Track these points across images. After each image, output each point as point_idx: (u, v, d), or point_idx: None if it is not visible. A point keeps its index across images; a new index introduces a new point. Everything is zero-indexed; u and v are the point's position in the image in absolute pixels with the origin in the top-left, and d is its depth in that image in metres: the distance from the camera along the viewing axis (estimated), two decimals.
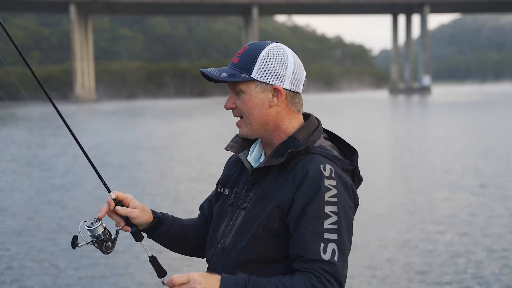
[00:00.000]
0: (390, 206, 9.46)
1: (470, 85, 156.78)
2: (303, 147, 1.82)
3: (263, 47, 1.86)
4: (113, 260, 6.53)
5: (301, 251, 1.72)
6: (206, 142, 20.01)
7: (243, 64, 1.86)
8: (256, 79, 1.84)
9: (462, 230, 7.68)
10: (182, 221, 2.13)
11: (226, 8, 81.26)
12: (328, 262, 1.70)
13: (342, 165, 1.83)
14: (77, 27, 73.29)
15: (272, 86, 1.85)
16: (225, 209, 1.97)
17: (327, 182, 1.75)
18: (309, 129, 1.89)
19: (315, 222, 1.73)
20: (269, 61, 1.84)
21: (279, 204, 1.79)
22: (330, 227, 1.72)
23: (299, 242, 1.73)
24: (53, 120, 32.35)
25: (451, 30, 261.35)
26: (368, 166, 13.46)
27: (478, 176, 11.93)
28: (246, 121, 1.89)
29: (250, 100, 1.86)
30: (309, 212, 1.73)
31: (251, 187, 1.90)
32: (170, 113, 42.56)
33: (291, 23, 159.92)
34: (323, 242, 1.71)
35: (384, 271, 6.14)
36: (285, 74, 1.85)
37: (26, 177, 13.32)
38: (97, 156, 16.70)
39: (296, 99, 1.90)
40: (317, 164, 1.78)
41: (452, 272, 6.03)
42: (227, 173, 2.06)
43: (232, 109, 1.91)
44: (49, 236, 7.86)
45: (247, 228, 1.83)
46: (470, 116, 31.49)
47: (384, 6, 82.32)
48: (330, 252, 1.71)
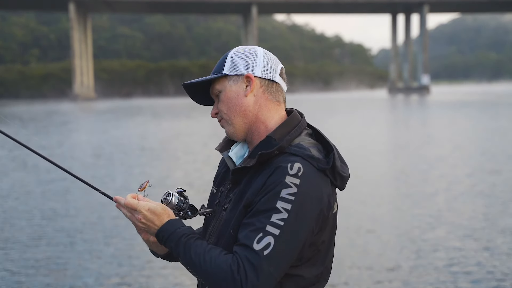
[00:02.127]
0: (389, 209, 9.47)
1: (469, 85, 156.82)
2: (275, 148, 1.78)
3: (233, 49, 1.93)
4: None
5: (240, 234, 1.69)
6: (204, 141, 20.01)
7: (216, 68, 1.92)
8: (227, 74, 1.87)
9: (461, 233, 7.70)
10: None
11: (225, 6, 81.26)
12: (255, 252, 1.63)
13: (318, 164, 1.76)
14: (76, 25, 73.25)
15: (243, 75, 1.86)
16: (213, 208, 1.96)
17: (289, 179, 1.69)
18: (288, 126, 1.85)
19: (263, 214, 1.67)
20: (239, 56, 1.88)
21: (246, 204, 1.76)
22: (275, 222, 1.66)
23: (243, 229, 1.70)
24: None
25: (450, 29, 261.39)
26: (367, 167, 13.47)
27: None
28: (226, 118, 1.90)
29: (226, 95, 1.88)
30: (261, 203, 1.69)
31: (232, 187, 1.89)
32: (169, 112, 42.56)
33: (290, 22, 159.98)
34: (262, 232, 1.65)
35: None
36: (255, 63, 1.87)
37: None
38: (91, 155, 16.70)
39: (272, 87, 1.88)
40: (285, 163, 1.73)
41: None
42: (218, 171, 2.06)
43: (217, 115, 1.92)
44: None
45: (225, 229, 1.82)
46: (470, 116, 31.49)
47: (383, 5, 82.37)
48: (263, 244, 1.63)
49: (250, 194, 1.75)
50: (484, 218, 8.31)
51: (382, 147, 17.95)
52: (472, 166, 13.33)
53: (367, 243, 7.17)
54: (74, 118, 35.79)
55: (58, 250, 7.06)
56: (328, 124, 24.65)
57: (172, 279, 5.96)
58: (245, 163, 1.83)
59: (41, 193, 10.91)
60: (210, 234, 1.91)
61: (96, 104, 59.95)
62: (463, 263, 6.27)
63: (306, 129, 1.89)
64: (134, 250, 6.94)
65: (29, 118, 35.71)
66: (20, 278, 6.08)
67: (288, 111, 1.93)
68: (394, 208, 9.29)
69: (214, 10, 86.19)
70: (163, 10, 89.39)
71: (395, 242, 7.24)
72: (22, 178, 12.86)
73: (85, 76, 76.67)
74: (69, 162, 15.05)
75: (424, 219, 8.28)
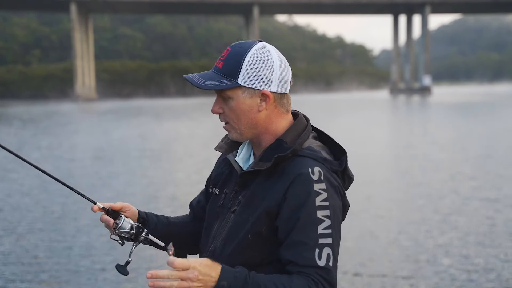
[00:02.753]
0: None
1: (471, 86, 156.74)
2: (290, 151, 1.78)
3: (248, 50, 1.81)
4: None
5: (295, 257, 1.70)
6: (205, 142, 19.96)
7: (227, 69, 1.80)
8: (242, 85, 1.79)
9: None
10: (168, 219, 2.11)
11: (226, 7, 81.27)
12: (324, 268, 1.68)
13: (331, 166, 1.80)
14: (77, 26, 73.29)
15: (260, 91, 1.80)
16: (215, 210, 1.94)
17: (317, 186, 1.73)
18: (297, 129, 1.86)
19: (309, 228, 1.70)
20: (255, 65, 1.79)
21: (268, 209, 1.76)
22: (324, 232, 1.71)
23: (293, 248, 1.71)
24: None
25: (452, 30, 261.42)
26: (368, 170, 13.41)
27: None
28: (234, 126, 1.86)
29: (238, 106, 1.82)
30: (302, 218, 1.71)
31: (240, 190, 1.87)
32: (170, 113, 42.54)
33: (291, 22, 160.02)
34: (318, 247, 1.69)
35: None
36: (271, 77, 1.81)
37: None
38: (92, 158, 16.65)
39: (284, 99, 1.86)
40: (305, 168, 1.75)
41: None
42: (218, 172, 2.03)
43: (219, 114, 1.87)
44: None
45: (236, 233, 1.81)
46: (473, 117, 31.42)
47: (385, 6, 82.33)
48: (325, 257, 1.69)
49: (270, 201, 1.77)
50: (491, 223, 8.19)
51: (385, 149, 17.89)
52: (477, 170, 13.26)
53: (370, 248, 7.10)
54: (75, 119, 35.77)
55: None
56: (331, 126, 24.61)
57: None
58: (258, 166, 1.81)
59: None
60: (214, 237, 1.89)
61: (97, 105, 59.95)
62: (471, 270, 6.19)
63: (311, 132, 1.91)
64: None
65: (29, 118, 35.69)
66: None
67: (293, 113, 1.92)
68: (397, 209, 9.22)
69: (215, 10, 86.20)
70: (164, 10, 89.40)
71: (398, 245, 7.17)
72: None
73: (87, 77, 76.71)
74: (68, 164, 15.01)
75: (430, 223, 8.21)
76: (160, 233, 2.00)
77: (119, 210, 1.95)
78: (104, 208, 1.91)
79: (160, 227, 2.05)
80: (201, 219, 2.09)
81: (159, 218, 2.09)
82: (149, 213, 2.08)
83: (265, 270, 1.76)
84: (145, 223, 2.03)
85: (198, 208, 2.13)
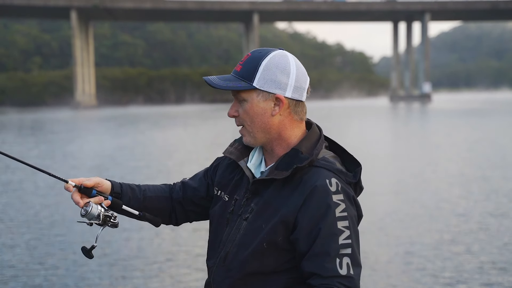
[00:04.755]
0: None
1: (471, 93, 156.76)
2: (307, 161, 1.81)
3: (266, 55, 1.84)
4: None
5: (318, 269, 1.73)
6: (204, 150, 19.95)
7: (244, 72, 1.84)
8: (257, 88, 1.82)
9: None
10: (145, 193, 2.10)
11: (226, 14, 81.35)
12: (346, 277, 1.72)
13: (346, 178, 1.84)
14: (78, 33, 73.36)
15: (274, 95, 1.83)
16: (226, 216, 1.94)
17: (335, 197, 1.76)
18: (311, 140, 1.88)
19: (331, 240, 1.74)
20: (271, 70, 1.82)
21: (284, 220, 1.78)
22: (344, 243, 1.75)
23: (315, 260, 1.74)
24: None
25: (452, 37, 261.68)
26: (369, 178, 13.36)
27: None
28: (248, 130, 1.88)
29: (252, 108, 1.84)
30: (324, 230, 1.74)
31: (252, 197, 1.88)
32: (170, 120, 42.52)
33: (291, 30, 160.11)
34: (338, 257, 1.73)
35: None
36: (287, 82, 1.84)
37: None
38: (91, 166, 16.63)
39: (299, 107, 1.89)
40: (323, 179, 1.78)
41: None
42: (225, 175, 2.03)
43: (235, 117, 1.90)
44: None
45: (250, 240, 1.83)
46: (472, 124, 31.40)
47: (385, 13, 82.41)
48: (345, 266, 1.73)
49: (287, 212, 1.79)
50: (499, 235, 8.15)
51: (389, 157, 17.87)
52: (486, 185, 13.22)
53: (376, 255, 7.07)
54: (75, 126, 35.73)
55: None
56: (333, 134, 24.57)
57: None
58: (273, 174, 1.83)
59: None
60: (226, 243, 1.90)
61: (97, 112, 59.93)
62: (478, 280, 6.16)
63: (324, 142, 1.94)
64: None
65: (28, 126, 35.68)
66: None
67: (306, 122, 1.95)
68: (400, 219, 9.19)
69: (215, 18, 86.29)
70: (164, 18, 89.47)
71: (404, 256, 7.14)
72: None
73: (87, 84, 76.72)
74: (68, 172, 14.98)
75: (437, 235, 8.17)
76: (134, 207, 2.04)
77: (92, 187, 1.95)
78: (76, 186, 1.93)
79: (133, 202, 2.05)
80: (186, 203, 2.10)
81: (134, 193, 2.08)
82: (125, 187, 2.07)
83: (278, 278, 1.79)
84: (118, 197, 2.02)
85: (194, 194, 2.11)
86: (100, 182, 1.98)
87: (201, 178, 2.13)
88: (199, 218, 2.16)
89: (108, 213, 1.92)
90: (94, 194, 1.95)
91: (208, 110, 59.28)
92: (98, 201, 1.92)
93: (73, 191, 1.93)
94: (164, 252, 7.19)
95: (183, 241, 7.71)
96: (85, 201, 1.92)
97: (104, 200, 1.94)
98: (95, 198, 1.93)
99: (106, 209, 1.93)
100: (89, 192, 1.93)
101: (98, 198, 1.93)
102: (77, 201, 1.91)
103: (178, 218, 2.14)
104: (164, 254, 7.08)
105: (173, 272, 6.44)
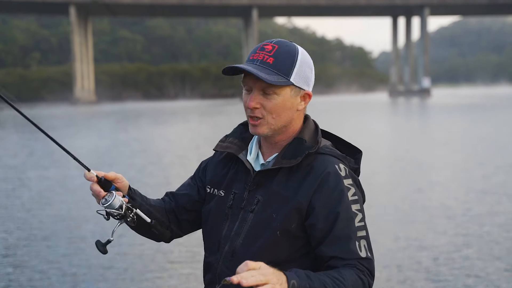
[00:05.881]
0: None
1: (470, 88, 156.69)
2: (316, 149, 1.85)
3: (296, 49, 1.86)
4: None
5: (339, 253, 1.76)
6: (203, 145, 19.95)
7: (281, 66, 1.81)
8: (294, 84, 1.83)
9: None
10: (149, 202, 2.04)
11: (225, 10, 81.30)
12: (366, 259, 1.77)
13: (349, 164, 1.90)
14: (77, 29, 73.31)
15: (304, 91, 1.87)
16: (224, 211, 1.92)
17: (346, 182, 1.81)
18: (310, 129, 1.92)
19: (348, 223, 1.78)
20: (303, 66, 1.85)
21: (298, 207, 1.80)
22: (359, 225, 1.80)
23: (336, 244, 1.77)
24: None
25: (451, 32, 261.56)
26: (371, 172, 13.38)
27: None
28: (270, 122, 1.84)
29: (284, 103, 1.84)
30: (342, 214, 1.78)
31: (256, 189, 1.87)
32: (170, 115, 42.51)
33: (291, 25, 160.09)
34: (357, 240, 1.77)
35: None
36: (312, 79, 1.90)
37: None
38: (88, 161, 16.62)
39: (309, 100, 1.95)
40: (332, 165, 1.83)
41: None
42: (217, 172, 2.01)
43: (255, 109, 1.84)
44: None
45: (260, 231, 1.82)
46: (472, 119, 31.42)
47: (384, 8, 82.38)
48: (364, 248, 1.78)
49: (301, 199, 1.81)
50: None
51: (391, 153, 17.88)
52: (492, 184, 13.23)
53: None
54: (72, 122, 35.71)
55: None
56: (332, 129, 24.60)
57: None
58: (282, 163, 1.84)
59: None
60: (230, 237, 1.88)
61: (96, 108, 59.91)
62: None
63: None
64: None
65: (26, 122, 35.62)
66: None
67: None
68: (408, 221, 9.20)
69: (214, 13, 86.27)
70: (163, 13, 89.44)
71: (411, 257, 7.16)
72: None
73: (86, 80, 76.70)
74: (65, 171, 14.98)
75: (444, 238, 8.19)
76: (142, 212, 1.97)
77: (112, 181, 1.90)
78: (97, 177, 1.86)
79: (143, 208, 1.98)
80: (180, 212, 2.05)
81: (143, 198, 2.03)
82: (137, 191, 2.02)
83: (292, 266, 1.74)
84: (133, 198, 1.98)
85: (186, 201, 2.05)
86: (120, 178, 1.92)
87: (189, 183, 2.09)
88: (192, 227, 2.09)
89: (130, 207, 1.86)
90: (113, 189, 1.88)
91: (208, 105, 59.25)
92: (119, 195, 1.87)
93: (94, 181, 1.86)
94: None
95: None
96: (106, 193, 1.85)
97: (123, 197, 1.88)
98: (118, 193, 1.87)
99: (128, 205, 1.86)
100: (108, 186, 1.87)
101: (119, 193, 1.87)
102: (98, 190, 1.84)
103: (173, 231, 2.08)
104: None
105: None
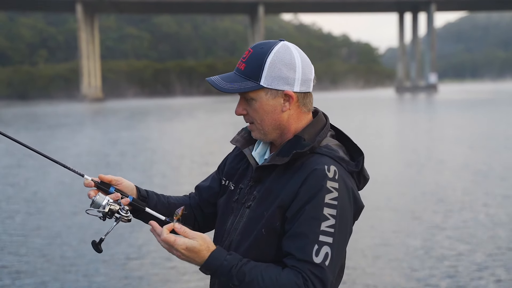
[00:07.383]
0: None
1: (477, 83, 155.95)
2: (308, 148, 1.78)
3: (269, 50, 1.79)
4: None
5: (293, 249, 1.69)
6: (211, 142, 19.98)
7: (250, 71, 1.79)
8: (265, 87, 1.78)
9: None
10: (169, 199, 2.07)
11: (232, 6, 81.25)
12: (318, 266, 1.66)
13: (347, 166, 1.80)
14: (83, 26, 73.43)
15: (283, 91, 1.80)
16: (230, 205, 1.94)
17: (330, 183, 1.71)
18: (315, 127, 1.86)
19: (312, 223, 1.69)
20: (277, 66, 1.78)
21: (281, 204, 1.76)
22: (326, 230, 1.68)
23: (293, 240, 1.70)
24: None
25: (458, 28, 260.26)
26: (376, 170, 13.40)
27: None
28: (258, 127, 1.85)
29: (261, 107, 1.81)
30: (307, 211, 1.70)
31: (255, 185, 1.87)
32: (176, 112, 42.54)
33: (297, 21, 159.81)
34: (317, 244, 1.67)
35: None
36: (294, 77, 1.80)
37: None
38: (97, 160, 16.68)
39: (307, 99, 1.86)
40: (321, 165, 1.74)
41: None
42: (233, 165, 2.02)
43: (243, 115, 1.87)
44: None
45: (251, 228, 1.81)
46: (481, 114, 31.28)
47: (391, 4, 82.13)
48: (322, 255, 1.67)
49: (285, 196, 1.75)
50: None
51: (399, 151, 17.86)
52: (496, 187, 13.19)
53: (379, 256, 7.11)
54: (81, 119, 35.82)
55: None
56: (341, 126, 24.56)
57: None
58: (275, 160, 1.81)
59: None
60: (230, 232, 1.89)
61: (103, 105, 60.02)
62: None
63: (330, 130, 1.90)
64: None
65: (34, 119, 35.78)
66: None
67: (313, 111, 1.92)
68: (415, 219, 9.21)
69: (221, 10, 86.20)
70: (170, 10, 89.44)
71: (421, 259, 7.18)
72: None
73: (93, 77, 76.85)
74: (75, 165, 15.03)
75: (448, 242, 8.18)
76: (159, 213, 1.95)
77: (109, 182, 1.91)
78: (93, 181, 1.88)
79: (160, 206, 2.01)
80: (204, 206, 2.08)
81: (159, 197, 2.05)
82: (150, 192, 2.04)
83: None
84: (145, 201, 1.98)
85: (209, 194, 2.09)
86: (119, 180, 1.93)
87: (213, 176, 2.11)
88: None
89: (117, 205, 1.84)
90: (112, 192, 1.89)
91: (214, 102, 59.24)
92: (115, 197, 1.87)
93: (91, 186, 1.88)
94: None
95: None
96: (96, 193, 1.87)
97: (122, 199, 1.88)
98: (112, 194, 1.88)
99: (119, 204, 1.85)
100: (107, 188, 1.89)
101: (115, 194, 1.87)
102: (89, 192, 1.86)
103: (201, 226, 2.09)
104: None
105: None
